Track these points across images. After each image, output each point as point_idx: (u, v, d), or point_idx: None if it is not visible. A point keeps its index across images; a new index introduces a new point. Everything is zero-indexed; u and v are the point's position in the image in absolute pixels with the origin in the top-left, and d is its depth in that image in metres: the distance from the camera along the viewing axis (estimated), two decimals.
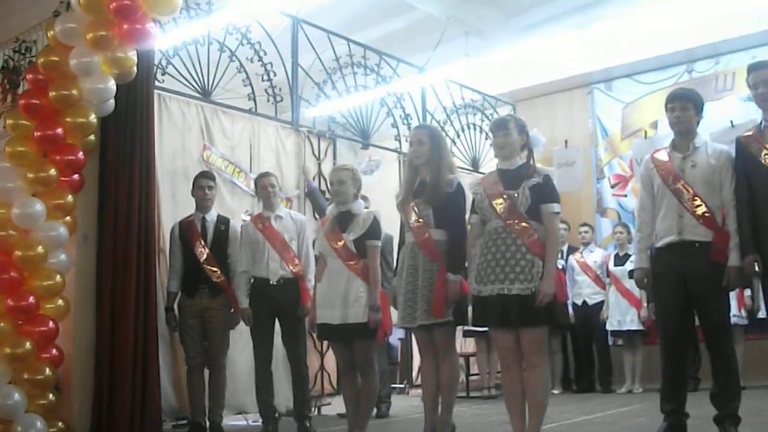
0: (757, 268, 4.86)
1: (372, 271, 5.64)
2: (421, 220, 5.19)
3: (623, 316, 9.67)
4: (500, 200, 4.69)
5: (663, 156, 5.27)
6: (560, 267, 5.43)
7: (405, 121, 10.37)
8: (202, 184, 6.98)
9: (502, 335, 4.70)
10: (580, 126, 12.23)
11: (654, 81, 11.51)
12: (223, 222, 7.01)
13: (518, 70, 11.61)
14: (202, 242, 6.87)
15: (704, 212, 5.01)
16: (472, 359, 10.36)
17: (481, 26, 10.96)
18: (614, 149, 11.91)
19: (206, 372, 6.85)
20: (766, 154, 4.86)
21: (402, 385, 10.92)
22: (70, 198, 6.23)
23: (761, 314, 8.82)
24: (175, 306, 6.91)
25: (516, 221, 4.61)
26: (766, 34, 10.28)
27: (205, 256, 6.83)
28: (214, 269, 6.81)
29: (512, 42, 10.81)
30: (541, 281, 4.51)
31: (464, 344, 10.43)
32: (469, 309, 4.96)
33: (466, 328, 9.25)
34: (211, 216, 7.01)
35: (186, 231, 6.92)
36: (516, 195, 4.65)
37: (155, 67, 7.17)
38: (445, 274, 5.06)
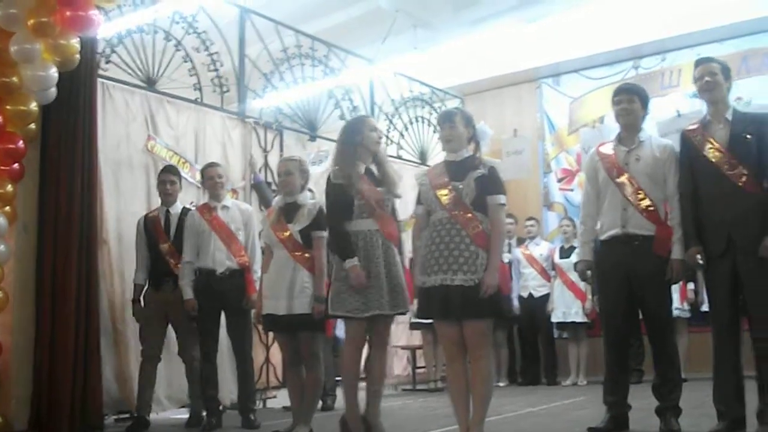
0: (700, 261, 4.91)
1: (317, 262, 5.60)
2: None
3: (568, 308, 9.78)
4: (445, 191, 4.66)
5: (608, 149, 5.31)
6: (506, 261, 5.47)
7: (353, 114, 10.31)
8: (164, 178, 6.99)
9: (446, 327, 4.68)
10: (528, 120, 12.30)
11: (601, 77, 11.63)
12: (186, 215, 6.94)
13: (467, 63, 11.67)
14: (165, 235, 6.85)
15: (648, 206, 5.05)
16: (418, 352, 10.36)
17: (429, 19, 10.99)
18: (561, 144, 12.01)
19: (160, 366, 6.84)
20: (709, 148, 4.90)
21: None
22: (9, 187, 6.14)
23: (705, 307, 8.93)
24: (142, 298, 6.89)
25: (461, 212, 4.59)
26: (711, 31, 10.46)
27: (167, 249, 6.80)
28: (177, 262, 6.76)
29: (461, 35, 10.85)
30: (485, 273, 4.49)
31: (410, 337, 10.46)
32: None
33: (413, 320, 9.31)
34: (176, 209, 6.97)
35: (150, 224, 6.92)
36: (461, 186, 4.64)
37: (99, 55, 7.09)
38: None
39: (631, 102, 5.24)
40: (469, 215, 4.58)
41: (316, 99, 9.93)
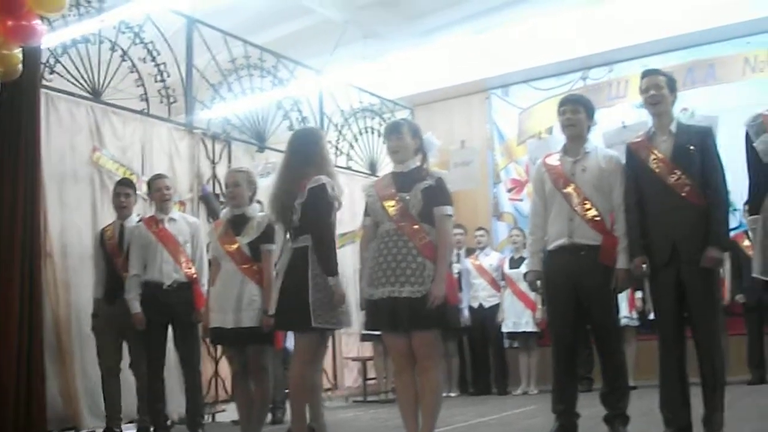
0: (645, 270, 4.96)
1: (266, 275, 5.56)
2: None
3: (518, 317, 9.81)
4: (392, 202, 4.66)
5: (554, 160, 5.33)
6: (456, 272, 5.43)
7: (302, 124, 10.27)
8: (118, 191, 6.94)
9: (394, 339, 4.67)
10: (478, 130, 12.36)
11: (550, 87, 11.70)
12: None
13: (417, 74, 11.67)
14: (119, 249, 6.77)
15: (594, 216, 5.08)
16: (369, 363, 10.34)
17: (379, 30, 11.01)
18: (510, 154, 12.07)
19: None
20: (653, 159, 4.94)
21: None
22: None
23: (653, 315, 9.02)
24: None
25: (408, 224, 4.59)
26: (657, 43, 10.60)
27: (121, 263, 6.72)
28: None
29: (411, 46, 10.89)
30: (432, 284, 4.49)
31: (361, 348, 10.43)
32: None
33: (363, 332, 9.29)
34: (130, 222, 6.88)
35: (106, 238, 6.84)
36: (408, 197, 4.63)
37: (42, 66, 6.98)
38: None
39: (576, 113, 5.26)
40: (416, 226, 4.59)
41: (264, 110, 9.87)
